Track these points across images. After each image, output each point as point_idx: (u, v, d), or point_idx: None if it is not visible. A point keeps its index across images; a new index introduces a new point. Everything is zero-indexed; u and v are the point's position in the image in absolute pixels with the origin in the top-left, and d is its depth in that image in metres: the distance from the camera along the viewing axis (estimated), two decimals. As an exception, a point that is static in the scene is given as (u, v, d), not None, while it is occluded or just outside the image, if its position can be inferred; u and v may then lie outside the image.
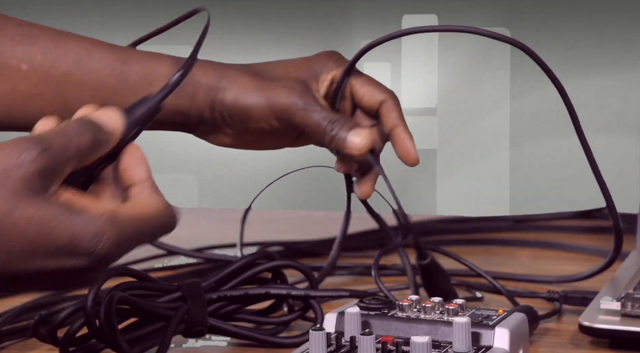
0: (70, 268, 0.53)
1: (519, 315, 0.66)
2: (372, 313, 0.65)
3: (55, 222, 0.52)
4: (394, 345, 0.60)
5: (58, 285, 0.57)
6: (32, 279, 0.54)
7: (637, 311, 0.70)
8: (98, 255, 0.53)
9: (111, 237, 0.53)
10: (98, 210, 0.54)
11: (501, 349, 0.62)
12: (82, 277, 0.55)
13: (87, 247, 0.53)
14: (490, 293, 0.83)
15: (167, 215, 0.57)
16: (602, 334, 0.70)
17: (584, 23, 1.30)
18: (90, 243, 0.53)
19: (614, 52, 1.29)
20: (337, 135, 0.75)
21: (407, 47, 1.41)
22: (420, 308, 0.66)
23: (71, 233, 0.52)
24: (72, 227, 0.53)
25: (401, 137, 0.78)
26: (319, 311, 0.73)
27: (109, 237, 0.53)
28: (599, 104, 1.30)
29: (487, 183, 1.33)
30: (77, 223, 0.53)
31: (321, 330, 0.60)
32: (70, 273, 0.54)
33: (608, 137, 1.35)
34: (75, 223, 0.53)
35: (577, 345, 0.71)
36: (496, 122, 1.34)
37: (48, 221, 0.52)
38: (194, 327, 0.68)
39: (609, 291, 0.75)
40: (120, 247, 0.54)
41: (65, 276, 0.54)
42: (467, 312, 0.66)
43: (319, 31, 1.66)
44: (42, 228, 0.52)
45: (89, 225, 0.53)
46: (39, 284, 0.55)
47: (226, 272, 0.72)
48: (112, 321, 0.63)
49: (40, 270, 0.53)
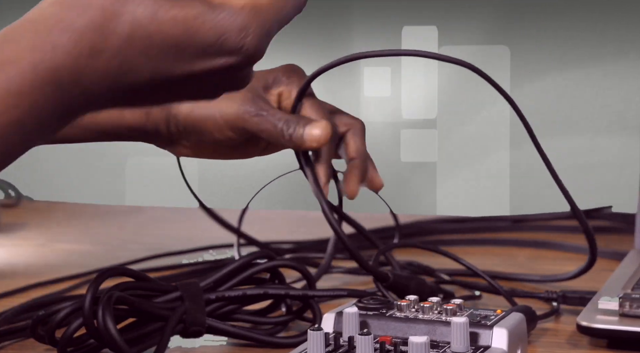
0: (220, 68, 0.53)
1: (517, 315, 0.66)
2: (370, 313, 0.65)
3: (200, 19, 0.51)
4: (392, 345, 0.60)
5: (209, 88, 0.55)
6: (183, 84, 0.53)
7: (635, 311, 0.70)
8: (247, 51, 0.52)
9: (257, 29, 0.53)
10: (239, 2, 0.53)
11: (499, 349, 0.62)
12: (233, 77, 0.54)
13: (235, 42, 0.52)
14: (488, 293, 0.83)
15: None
16: (600, 334, 0.70)
17: (584, 23, 1.30)
18: (238, 38, 0.52)
19: (614, 52, 1.29)
20: (294, 133, 0.75)
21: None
22: (418, 308, 0.66)
23: (217, 29, 0.52)
24: (217, 23, 0.52)
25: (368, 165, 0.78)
26: (317, 311, 0.73)
27: (255, 29, 0.52)
28: (599, 104, 1.30)
29: (487, 183, 1.33)
30: (222, 19, 0.52)
31: (319, 330, 0.59)
32: (220, 73, 0.53)
33: (608, 137, 1.35)
34: (221, 18, 0.52)
35: (575, 345, 0.71)
36: (496, 122, 1.35)
37: (193, 19, 0.51)
38: (192, 327, 0.68)
39: (607, 291, 0.75)
40: (266, 38, 0.53)
41: (216, 77, 0.53)
42: (465, 312, 0.66)
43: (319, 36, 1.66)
44: (188, 28, 0.51)
45: (234, 19, 0.52)
46: (190, 89, 0.54)
47: (224, 272, 0.72)
48: (110, 321, 0.63)
49: (190, 72, 0.52)
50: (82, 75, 0.51)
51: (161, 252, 1.03)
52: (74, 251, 1.10)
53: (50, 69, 0.50)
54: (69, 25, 0.50)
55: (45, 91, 0.50)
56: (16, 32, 0.51)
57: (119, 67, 0.51)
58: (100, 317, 0.63)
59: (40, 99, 0.50)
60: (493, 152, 1.33)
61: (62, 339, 0.66)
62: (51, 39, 0.50)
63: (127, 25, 0.51)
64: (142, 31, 0.51)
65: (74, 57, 0.50)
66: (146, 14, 0.51)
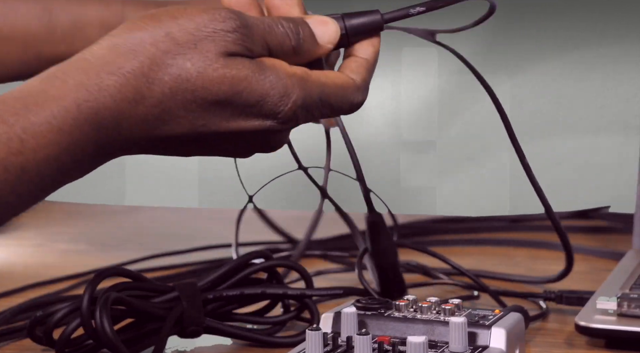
0: (255, 129, 0.54)
1: (515, 315, 0.66)
2: (369, 313, 0.65)
3: (247, 81, 0.53)
4: (390, 345, 0.60)
5: (242, 147, 0.56)
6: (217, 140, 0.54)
7: (634, 311, 0.70)
8: (284, 117, 0.54)
9: (299, 99, 0.54)
10: (289, 70, 0.54)
11: (497, 349, 0.62)
12: (267, 140, 0.55)
13: (274, 106, 0.53)
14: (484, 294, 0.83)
15: (355, 95, 0.57)
16: (598, 334, 0.70)
17: (584, 23, 1.30)
18: (278, 102, 0.53)
19: (614, 51, 1.29)
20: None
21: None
22: (416, 308, 0.66)
23: (261, 91, 0.53)
24: (263, 86, 0.53)
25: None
26: (315, 311, 0.73)
27: (296, 98, 0.54)
28: (599, 104, 1.30)
29: (487, 183, 1.33)
30: (268, 82, 0.53)
31: (318, 330, 0.60)
32: (255, 134, 0.54)
33: (608, 137, 1.34)
34: (267, 81, 0.53)
35: (573, 345, 0.71)
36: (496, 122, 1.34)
37: (241, 80, 0.53)
38: (190, 327, 0.68)
39: (606, 291, 0.75)
40: (306, 111, 0.55)
41: (250, 137, 0.55)
42: (464, 311, 0.66)
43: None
44: (233, 87, 0.53)
45: (279, 83, 0.53)
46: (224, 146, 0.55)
47: (222, 271, 0.72)
48: (107, 322, 0.63)
49: (226, 130, 0.54)
50: (123, 119, 0.52)
51: (159, 252, 1.03)
52: (72, 251, 1.10)
53: (93, 109, 0.51)
54: (118, 69, 0.52)
55: (86, 130, 0.51)
56: (65, 70, 0.52)
57: (158, 116, 0.52)
58: (97, 317, 0.63)
59: (80, 137, 0.51)
60: (493, 152, 1.33)
61: (59, 340, 0.66)
62: (98, 80, 0.51)
63: (174, 76, 0.52)
64: (187, 85, 0.52)
65: (117, 101, 0.51)
66: (194, 69, 0.52)
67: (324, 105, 0.56)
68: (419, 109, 0.88)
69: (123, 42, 0.52)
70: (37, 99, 0.50)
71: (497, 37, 1.30)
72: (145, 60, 0.52)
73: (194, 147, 0.55)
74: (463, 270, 0.82)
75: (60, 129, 0.50)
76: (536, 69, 0.93)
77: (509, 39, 1.30)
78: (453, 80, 1.30)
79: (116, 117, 0.52)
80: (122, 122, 0.52)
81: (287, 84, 0.54)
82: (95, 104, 0.51)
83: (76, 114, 0.51)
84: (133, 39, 0.52)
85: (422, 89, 0.86)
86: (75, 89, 0.51)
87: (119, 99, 0.51)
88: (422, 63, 1.44)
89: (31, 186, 0.51)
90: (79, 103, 0.51)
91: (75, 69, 0.52)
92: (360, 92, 0.58)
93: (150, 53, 0.52)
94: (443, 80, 1.32)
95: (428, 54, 1.42)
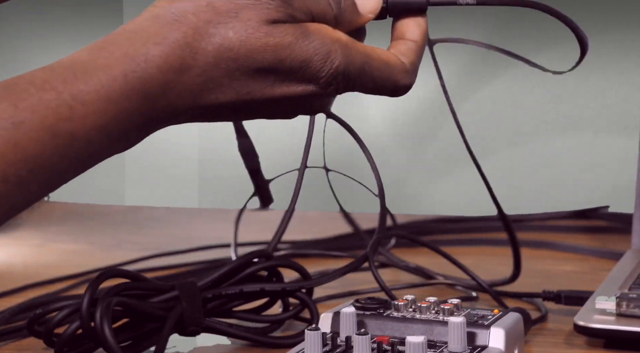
0: (299, 95, 0.54)
1: (514, 315, 0.66)
2: (368, 313, 0.65)
3: (290, 48, 0.53)
4: (389, 345, 0.60)
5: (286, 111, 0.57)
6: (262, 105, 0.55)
7: (633, 311, 0.70)
8: (326, 81, 0.54)
9: (341, 64, 0.54)
10: (333, 34, 0.54)
11: (496, 349, 0.62)
12: (310, 103, 0.56)
13: (317, 70, 0.54)
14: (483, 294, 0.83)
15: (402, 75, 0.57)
16: (598, 334, 0.70)
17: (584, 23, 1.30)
18: (321, 67, 0.54)
19: (614, 52, 1.29)
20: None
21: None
22: (415, 308, 0.66)
23: (304, 56, 0.53)
24: (306, 51, 0.53)
25: None
26: (314, 311, 0.73)
27: (339, 63, 0.54)
28: (599, 104, 1.30)
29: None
30: (312, 47, 0.53)
31: (317, 330, 0.60)
32: (298, 99, 0.55)
33: (608, 137, 1.35)
34: (311, 46, 0.53)
35: (572, 345, 0.72)
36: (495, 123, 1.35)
37: (284, 48, 0.53)
38: (190, 327, 0.68)
39: (605, 290, 0.75)
40: (347, 78, 0.55)
41: (294, 102, 0.55)
42: (463, 311, 0.66)
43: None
44: (276, 55, 0.53)
45: (323, 49, 0.53)
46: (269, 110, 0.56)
47: (222, 271, 0.72)
48: (108, 328, 0.63)
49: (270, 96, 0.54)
50: (169, 88, 0.52)
51: (159, 252, 1.03)
52: (71, 251, 1.10)
53: (140, 79, 0.51)
54: (163, 39, 0.52)
55: (133, 100, 0.51)
56: (111, 41, 0.53)
57: (203, 85, 0.53)
58: (98, 322, 0.63)
59: (127, 107, 0.51)
60: (493, 152, 1.33)
61: (59, 340, 0.66)
62: (144, 51, 0.52)
63: (217, 46, 0.53)
64: (230, 53, 0.53)
65: (163, 71, 0.52)
66: (236, 37, 0.53)
67: (366, 78, 0.56)
68: (419, 109, 0.88)
69: (165, 12, 0.53)
70: (86, 68, 0.51)
71: (498, 37, 1.30)
72: (188, 30, 0.52)
73: (240, 113, 0.56)
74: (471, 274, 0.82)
75: (108, 98, 0.51)
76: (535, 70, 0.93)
77: (509, 38, 1.31)
78: (453, 80, 1.30)
79: (162, 86, 0.52)
80: (168, 92, 0.52)
81: (330, 48, 0.54)
82: (142, 74, 0.51)
83: (123, 83, 0.51)
84: (176, 8, 0.53)
85: (422, 89, 0.86)
86: (122, 59, 0.51)
87: (165, 69, 0.52)
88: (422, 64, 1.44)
89: (81, 153, 0.51)
90: (126, 73, 0.51)
91: (122, 40, 0.52)
92: (408, 74, 0.58)
93: (192, 23, 0.52)
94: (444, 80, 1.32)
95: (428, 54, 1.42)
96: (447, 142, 1.35)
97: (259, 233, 1.05)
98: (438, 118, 1.34)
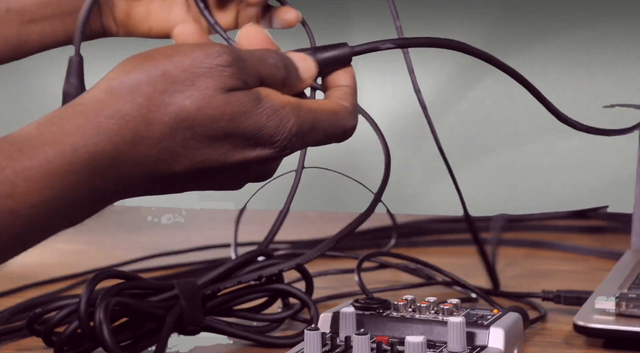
0: (252, 159, 0.54)
1: (513, 315, 0.66)
2: (367, 313, 0.65)
3: (245, 115, 0.53)
4: (388, 345, 0.60)
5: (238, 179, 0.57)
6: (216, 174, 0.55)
7: (632, 310, 0.70)
8: (281, 144, 0.54)
9: (294, 126, 0.54)
10: (282, 99, 0.55)
11: (496, 349, 0.62)
12: (261, 169, 0.56)
13: (272, 134, 0.54)
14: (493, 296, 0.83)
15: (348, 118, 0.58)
16: (597, 334, 0.70)
17: (584, 23, 1.30)
18: (275, 131, 0.54)
19: (614, 52, 1.29)
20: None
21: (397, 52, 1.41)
22: (415, 308, 0.66)
23: (259, 123, 0.53)
24: (260, 118, 0.53)
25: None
26: (314, 311, 0.73)
27: (292, 126, 0.54)
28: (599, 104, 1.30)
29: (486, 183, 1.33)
30: (265, 113, 0.53)
31: (316, 330, 0.60)
32: (252, 165, 0.55)
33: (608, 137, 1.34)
34: (264, 112, 0.53)
35: (572, 345, 0.72)
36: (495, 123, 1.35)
37: (240, 115, 0.53)
38: (189, 326, 0.68)
39: (604, 290, 0.75)
40: (301, 138, 0.55)
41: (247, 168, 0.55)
42: (462, 311, 0.66)
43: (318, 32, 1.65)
44: (232, 122, 0.53)
45: (275, 113, 0.54)
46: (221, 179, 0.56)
47: (222, 270, 0.72)
48: (107, 328, 0.63)
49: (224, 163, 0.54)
50: (121, 161, 0.52)
51: (159, 252, 1.03)
52: (70, 251, 1.10)
53: (90, 152, 0.51)
54: (116, 112, 0.51)
55: (81, 174, 0.51)
56: (61, 115, 0.52)
57: (157, 155, 0.52)
58: (97, 323, 0.63)
59: (75, 182, 0.51)
60: (492, 152, 1.33)
61: (59, 340, 0.66)
62: (96, 124, 0.51)
63: (173, 115, 0.52)
64: (187, 122, 0.52)
65: (115, 143, 0.51)
66: (193, 106, 0.52)
67: (318, 132, 0.57)
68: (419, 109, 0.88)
69: (119, 84, 0.52)
70: (32, 143, 0.50)
71: (498, 36, 1.30)
72: (143, 101, 0.52)
73: (192, 182, 0.55)
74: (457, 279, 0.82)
75: (55, 173, 0.50)
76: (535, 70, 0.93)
77: (510, 38, 1.30)
78: (453, 79, 1.30)
79: (114, 159, 0.51)
80: (120, 165, 0.52)
81: (282, 112, 0.54)
82: (93, 148, 0.51)
83: (72, 158, 0.50)
84: (130, 80, 0.52)
85: (422, 89, 0.86)
86: (73, 133, 0.51)
87: (117, 142, 0.51)
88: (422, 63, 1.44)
89: (24, 229, 0.50)
90: (76, 147, 0.50)
91: (73, 113, 0.52)
92: (353, 116, 0.59)
93: (148, 93, 0.52)
94: (443, 80, 1.32)
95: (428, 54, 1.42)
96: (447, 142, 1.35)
97: (259, 234, 1.05)
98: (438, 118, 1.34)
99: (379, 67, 1.42)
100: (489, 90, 1.31)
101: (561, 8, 1.32)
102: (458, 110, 1.29)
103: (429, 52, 0.85)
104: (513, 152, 1.34)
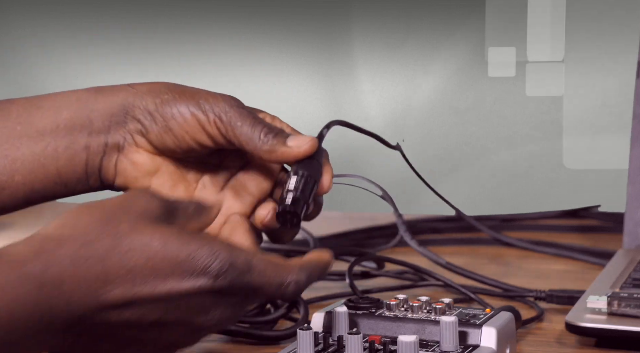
0: (187, 292, 0.53)
1: (506, 314, 0.66)
2: (360, 313, 0.66)
3: (174, 246, 0.53)
4: (381, 345, 0.60)
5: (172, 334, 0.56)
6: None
7: (624, 310, 0.70)
8: (216, 272, 0.53)
9: (226, 256, 0.54)
10: (207, 236, 0.55)
11: (488, 348, 0.62)
12: (202, 309, 0.55)
13: (204, 261, 0.53)
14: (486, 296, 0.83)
15: (288, 273, 0.56)
16: (589, 333, 0.70)
17: (584, 23, 1.30)
18: (207, 258, 0.53)
19: (614, 52, 1.30)
20: (274, 143, 0.65)
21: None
22: (407, 307, 0.66)
23: (188, 252, 0.53)
24: (189, 248, 0.53)
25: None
26: (304, 309, 0.73)
27: (224, 255, 0.54)
28: (598, 103, 1.30)
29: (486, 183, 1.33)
30: (194, 243, 0.53)
31: (309, 330, 0.60)
32: (185, 299, 0.54)
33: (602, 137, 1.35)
34: (192, 243, 0.53)
35: (564, 344, 0.72)
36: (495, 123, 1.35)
37: (167, 249, 0.53)
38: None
39: (596, 290, 0.75)
40: (235, 269, 0.54)
41: (181, 305, 0.54)
42: (455, 311, 0.66)
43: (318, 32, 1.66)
44: (160, 252, 0.53)
45: (206, 243, 0.54)
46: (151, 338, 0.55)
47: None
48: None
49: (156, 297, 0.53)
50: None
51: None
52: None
53: None
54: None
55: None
56: None
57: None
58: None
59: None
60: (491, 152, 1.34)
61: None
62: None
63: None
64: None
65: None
66: (120, 236, 0.53)
67: (251, 273, 0.54)
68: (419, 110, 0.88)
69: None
70: None
71: (497, 36, 1.30)
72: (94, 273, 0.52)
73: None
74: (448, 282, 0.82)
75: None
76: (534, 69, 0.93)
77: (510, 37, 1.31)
78: (453, 79, 1.30)
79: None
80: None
81: (212, 244, 0.54)
82: None
83: None
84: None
85: (422, 89, 0.86)
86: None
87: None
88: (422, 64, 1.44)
89: None
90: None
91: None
92: (293, 274, 0.56)
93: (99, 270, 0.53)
94: (443, 81, 1.33)
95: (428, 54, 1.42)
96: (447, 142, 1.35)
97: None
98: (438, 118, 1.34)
99: (379, 67, 1.42)
100: (488, 90, 1.31)
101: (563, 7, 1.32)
102: (458, 109, 1.30)
103: (429, 53, 0.86)
104: (509, 152, 1.34)
